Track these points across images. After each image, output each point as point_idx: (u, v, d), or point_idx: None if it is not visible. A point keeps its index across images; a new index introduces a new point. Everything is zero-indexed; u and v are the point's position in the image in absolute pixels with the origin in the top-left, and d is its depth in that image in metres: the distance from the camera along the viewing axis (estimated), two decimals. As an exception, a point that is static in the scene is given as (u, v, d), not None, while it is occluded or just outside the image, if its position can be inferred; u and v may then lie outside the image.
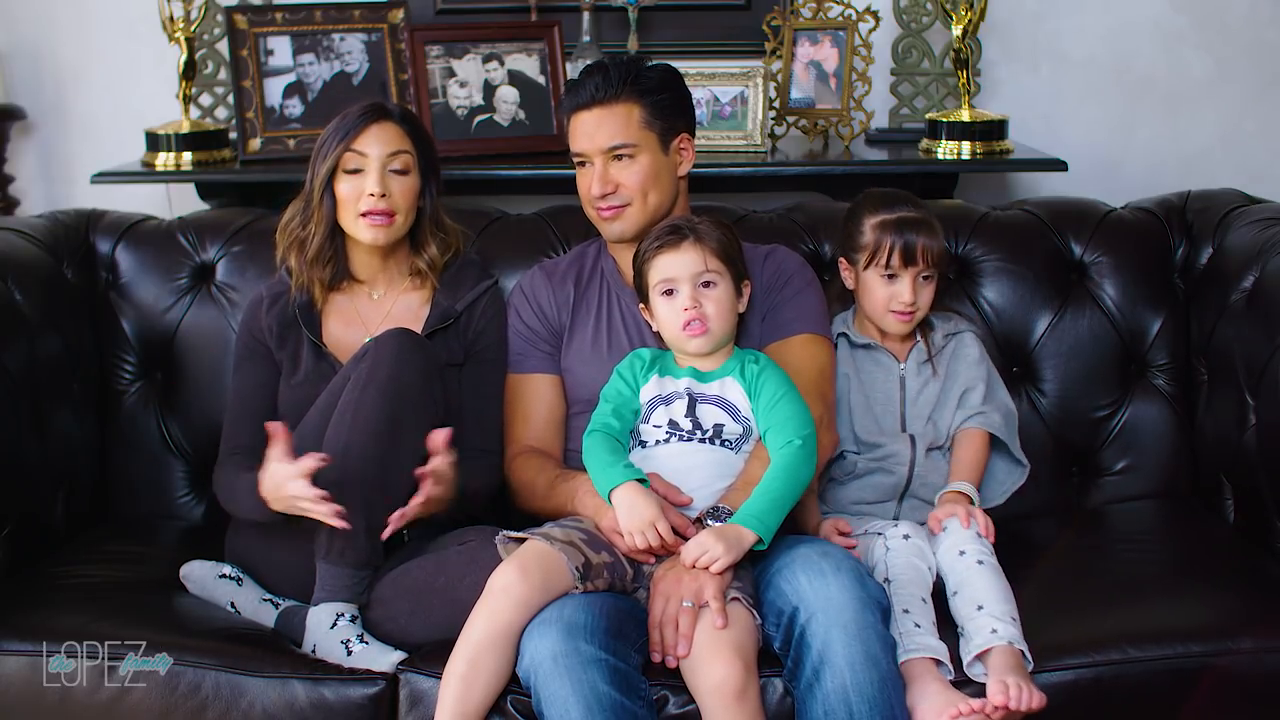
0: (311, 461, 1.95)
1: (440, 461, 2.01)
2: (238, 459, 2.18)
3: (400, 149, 2.20)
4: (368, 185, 2.17)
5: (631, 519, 1.92)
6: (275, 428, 2.01)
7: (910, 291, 2.18)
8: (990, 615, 1.90)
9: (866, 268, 2.20)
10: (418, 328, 2.22)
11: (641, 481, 1.95)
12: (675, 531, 1.94)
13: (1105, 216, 2.56)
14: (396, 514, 1.99)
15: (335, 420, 2.03)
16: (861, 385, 2.24)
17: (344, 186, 2.19)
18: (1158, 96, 3.19)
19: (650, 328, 2.19)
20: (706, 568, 1.88)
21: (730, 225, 2.14)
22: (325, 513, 1.95)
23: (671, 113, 2.20)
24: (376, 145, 2.18)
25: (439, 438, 2.02)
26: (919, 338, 2.25)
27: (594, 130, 2.17)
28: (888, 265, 2.18)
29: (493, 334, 2.27)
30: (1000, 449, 2.23)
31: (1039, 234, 2.54)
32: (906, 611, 1.90)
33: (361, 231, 2.20)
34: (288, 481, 1.97)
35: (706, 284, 2.06)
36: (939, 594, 1.98)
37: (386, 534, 1.99)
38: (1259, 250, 2.33)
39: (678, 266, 2.05)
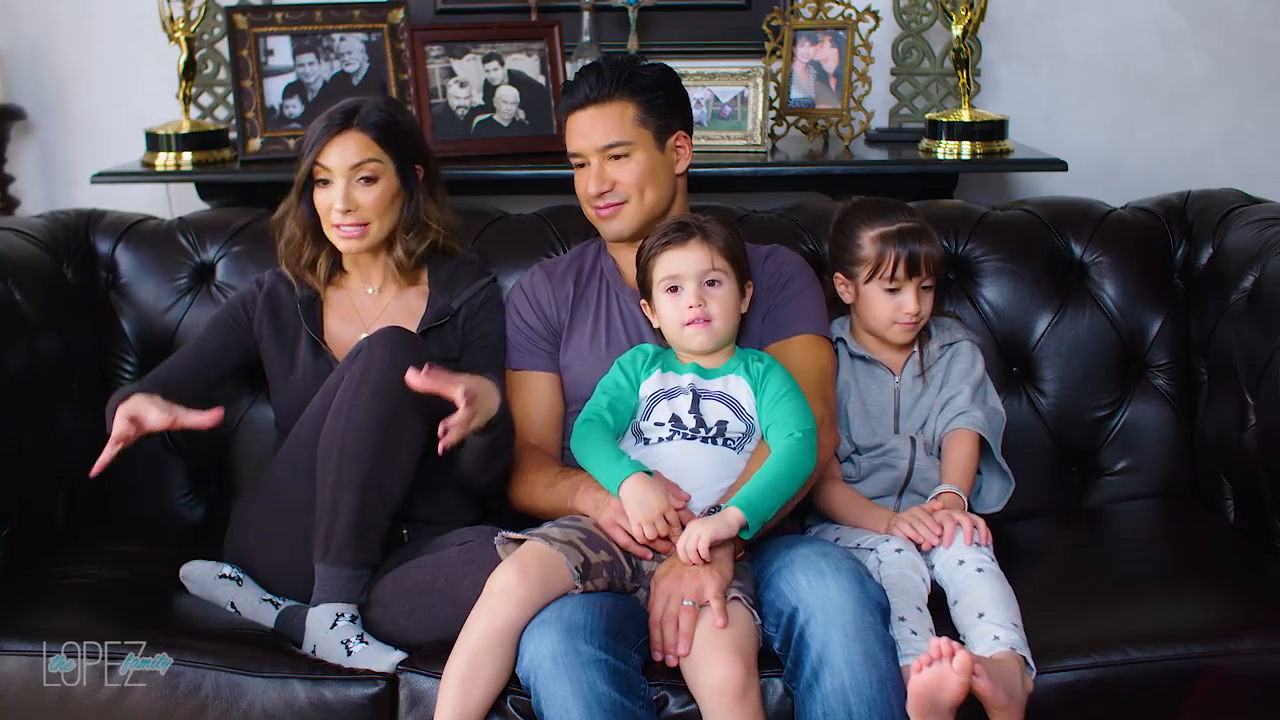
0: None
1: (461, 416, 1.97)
2: (143, 384, 2.15)
3: (365, 158, 2.18)
4: (335, 201, 2.17)
5: (641, 510, 1.92)
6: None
7: (915, 302, 2.18)
8: (991, 622, 1.89)
9: (868, 281, 2.20)
10: (414, 325, 2.22)
11: (647, 473, 1.95)
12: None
13: (1105, 216, 2.56)
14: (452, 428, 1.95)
15: (331, 419, 2.03)
16: (859, 394, 2.24)
17: (318, 197, 2.20)
18: (1158, 96, 3.19)
19: (650, 326, 2.19)
20: (697, 551, 1.88)
21: (736, 226, 2.14)
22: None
23: (667, 111, 2.20)
24: (339, 157, 2.17)
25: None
26: (915, 348, 2.25)
27: (589, 129, 2.18)
28: (892, 278, 2.17)
29: (489, 325, 2.27)
30: (991, 462, 2.22)
31: (1039, 234, 2.54)
32: (902, 619, 1.90)
33: (337, 242, 2.21)
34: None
35: (711, 283, 2.06)
36: (938, 605, 1.98)
37: (445, 445, 1.96)
38: (1259, 250, 2.33)
39: (684, 264, 2.06)
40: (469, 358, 2.24)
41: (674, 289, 2.07)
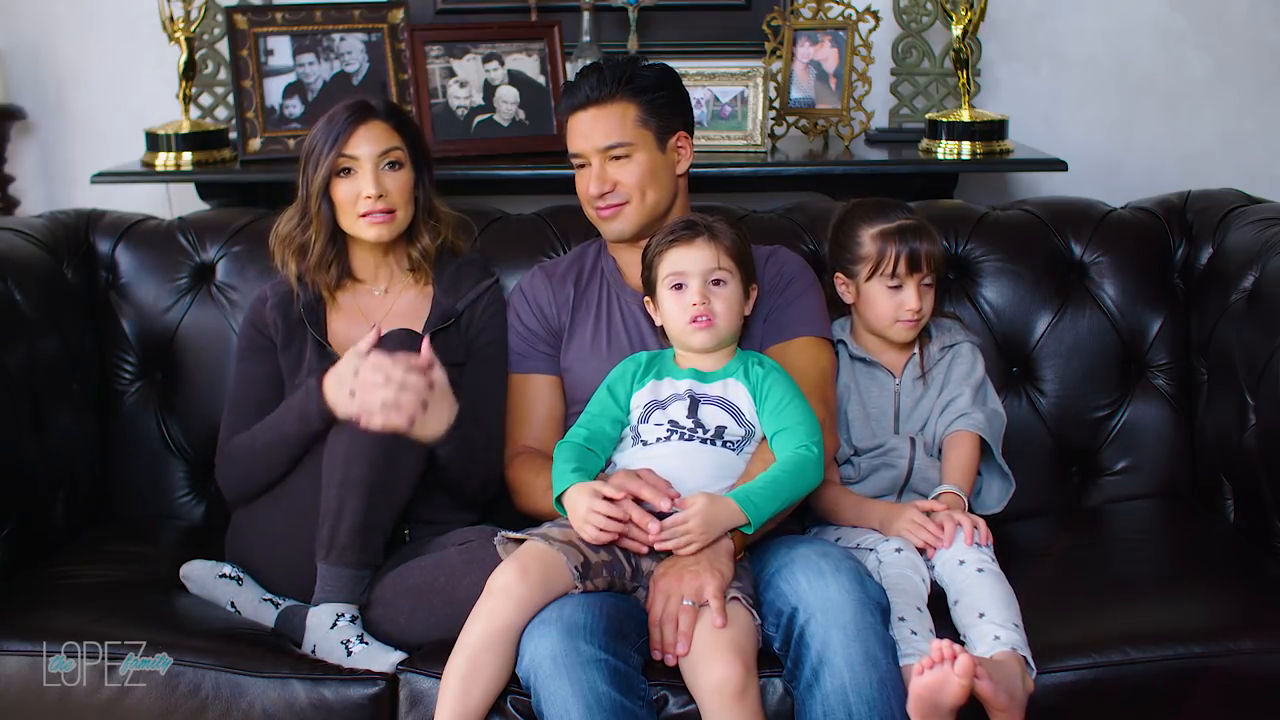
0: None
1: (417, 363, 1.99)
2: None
3: (390, 145, 2.20)
4: (364, 187, 2.17)
5: (574, 515, 1.92)
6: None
7: (916, 299, 2.18)
8: (992, 622, 1.89)
9: (869, 279, 2.20)
10: (419, 326, 2.22)
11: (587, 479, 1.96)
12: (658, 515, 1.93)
13: (1105, 216, 2.56)
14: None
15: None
16: (859, 396, 2.24)
17: (340, 190, 2.19)
18: (1158, 96, 3.19)
19: (651, 325, 2.19)
20: (682, 546, 1.89)
21: (742, 227, 2.14)
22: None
23: (667, 111, 2.20)
24: (367, 145, 2.18)
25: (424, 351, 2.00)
26: (915, 350, 2.25)
27: (590, 130, 2.18)
28: (893, 275, 2.18)
29: (493, 331, 2.27)
30: (991, 463, 2.23)
31: (1039, 234, 2.54)
32: (902, 619, 1.90)
33: (364, 231, 2.20)
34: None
35: (717, 282, 2.06)
36: (938, 605, 1.98)
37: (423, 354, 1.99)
38: (1259, 250, 2.33)
39: (690, 261, 2.06)
40: (472, 367, 2.24)
41: (679, 286, 2.07)
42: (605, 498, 1.90)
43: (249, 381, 2.24)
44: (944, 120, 2.87)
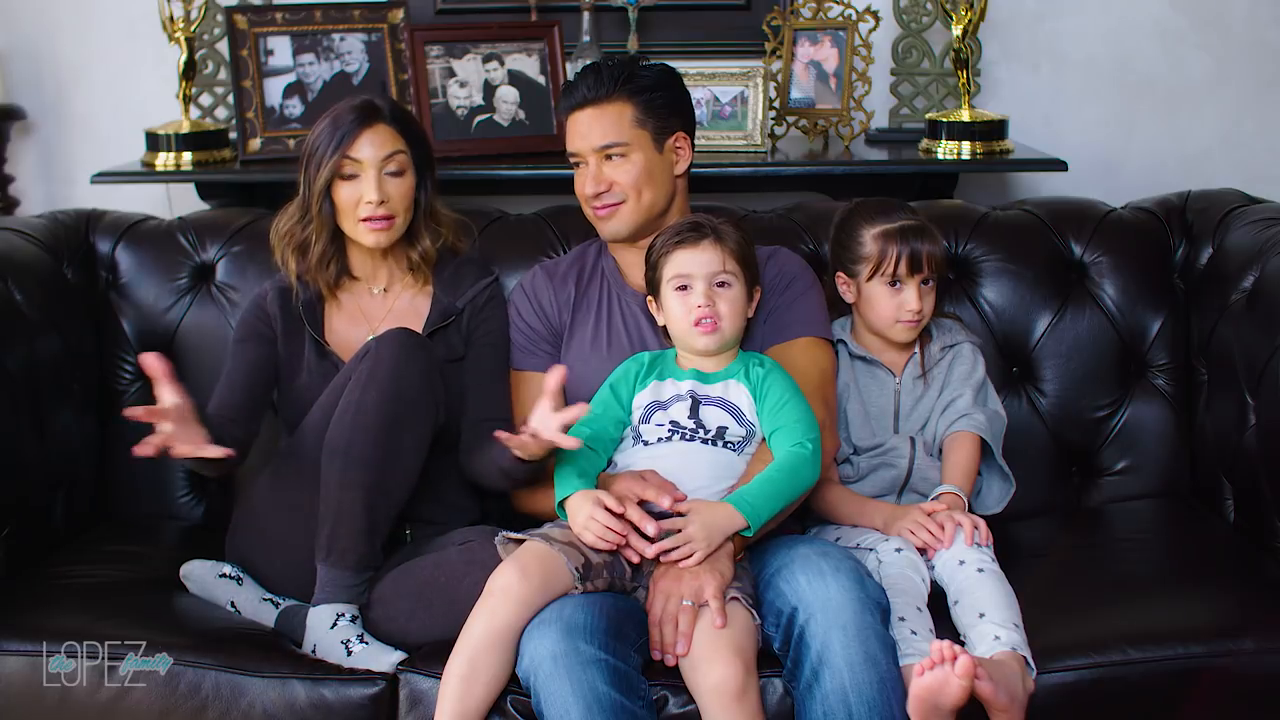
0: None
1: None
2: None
3: (395, 150, 2.19)
4: (366, 192, 2.17)
5: (574, 521, 1.92)
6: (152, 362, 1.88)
7: (917, 299, 2.18)
8: (992, 623, 1.89)
9: (870, 279, 2.20)
10: (419, 325, 2.22)
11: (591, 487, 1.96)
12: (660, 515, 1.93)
13: (1105, 216, 2.56)
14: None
15: (336, 420, 2.03)
16: (859, 395, 2.24)
17: (342, 192, 2.19)
18: (1158, 96, 3.19)
19: (651, 326, 2.20)
20: (685, 557, 1.89)
21: (747, 229, 2.14)
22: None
23: (666, 111, 2.20)
24: (371, 149, 2.17)
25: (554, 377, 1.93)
26: (916, 349, 2.25)
27: (587, 130, 2.18)
28: (894, 275, 2.18)
29: (493, 321, 2.27)
30: (991, 463, 2.23)
31: (1039, 234, 2.54)
32: (902, 619, 1.90)
33: (363, 236, 2.20)
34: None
35: (721, 284, 2.06)
36: (938, 604, 1.98)
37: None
38: (1259, 250, 2.33)
39: (695, 264, 2.06)
40: (474, 357, 2.24)
41: (683, 288, 2.07)
42: (607, 508, 1.90)
43: (240, 365, 2.22)
44: (944, 120, 2.87)
